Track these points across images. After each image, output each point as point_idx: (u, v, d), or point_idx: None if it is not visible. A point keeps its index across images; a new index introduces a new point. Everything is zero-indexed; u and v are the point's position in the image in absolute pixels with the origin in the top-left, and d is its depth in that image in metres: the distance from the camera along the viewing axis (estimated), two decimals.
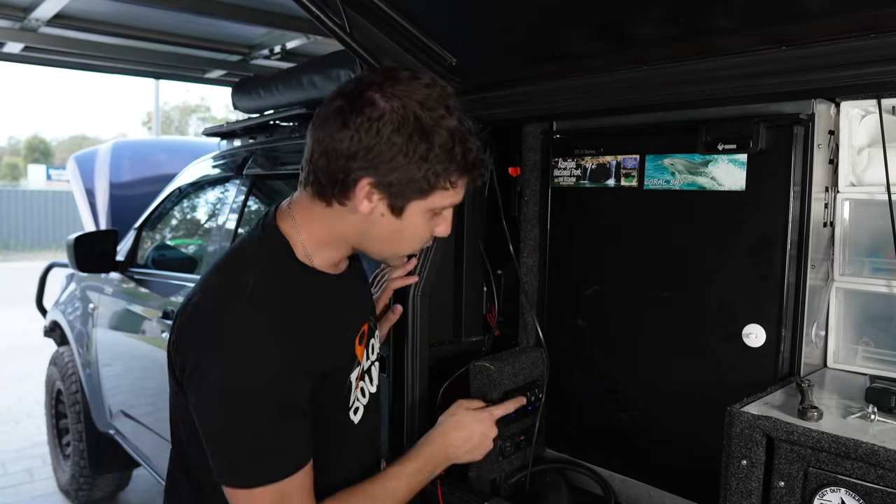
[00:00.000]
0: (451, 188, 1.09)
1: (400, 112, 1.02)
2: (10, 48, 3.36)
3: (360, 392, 1.26)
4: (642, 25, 1.31)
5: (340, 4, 1.41)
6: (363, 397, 1.27)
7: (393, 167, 1.03)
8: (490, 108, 1.65)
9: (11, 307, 9.72)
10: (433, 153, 1.04)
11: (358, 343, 1.23)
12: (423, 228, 1.13)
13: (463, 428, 1.33)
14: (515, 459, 1.56)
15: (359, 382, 1.25)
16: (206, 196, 3.30)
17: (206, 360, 1.03)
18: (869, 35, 1.07)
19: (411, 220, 1.10)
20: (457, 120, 1.06)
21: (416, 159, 1.03)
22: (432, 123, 1.03)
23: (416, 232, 1.13)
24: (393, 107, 1.02)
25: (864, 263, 1.36)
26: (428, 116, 1.03)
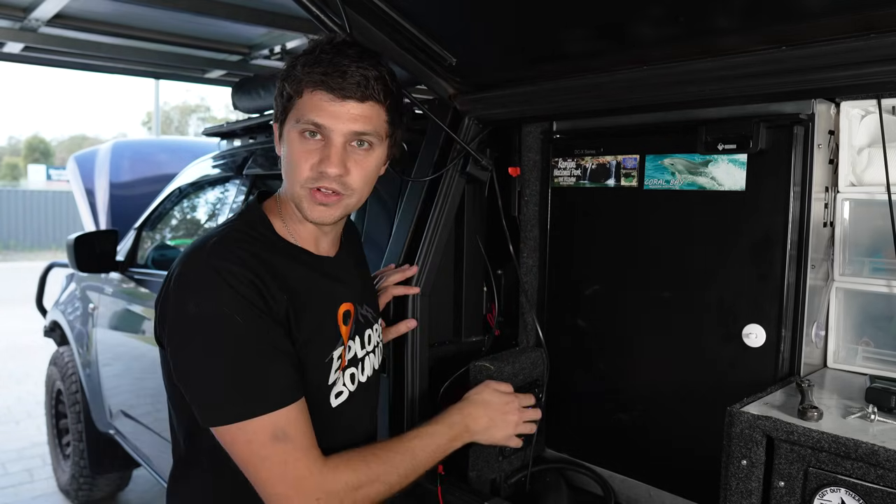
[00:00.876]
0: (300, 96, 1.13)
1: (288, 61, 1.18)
2: (10, 48, 3.36)
3: (349, 378, 1.26)
4: (642, 25, 1.31)
5: (340, 4, 1.41)
6: (351, 384, 1.27)
7: (276, 93, 1.19)
8: (490, 108, 1.65)
9: (11, 307, 9.72)
10: (289, 65, 1.16)
11: (342, 322, 1.24)
12: (300, 152, 1.14)
13: (486, 405, 1.35)
14: (515, 459, 1.56)
15: (345, 365, 1.25)
16: (206, 196, 3.30)
17: (176, 303, 1.09)
18: (869, 35, 1.07)
19: (288, 142, 1.16)
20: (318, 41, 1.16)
21: (282, 75, 1.17)
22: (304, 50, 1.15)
23: (294, 155, 1.15)
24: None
25: (864, 263, 1.36)
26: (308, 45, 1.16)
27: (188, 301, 1.07)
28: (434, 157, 1.69)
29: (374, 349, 1.37)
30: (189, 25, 3.18)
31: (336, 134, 1.13)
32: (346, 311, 1.27)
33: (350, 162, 1.15)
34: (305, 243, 1.24)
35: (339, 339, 1.24)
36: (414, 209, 1.67)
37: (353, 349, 1.28)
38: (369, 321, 1.35)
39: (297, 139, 1.14)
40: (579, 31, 1.41)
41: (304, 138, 1.14)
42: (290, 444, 1.06)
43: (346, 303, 1.27)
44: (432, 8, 1.51)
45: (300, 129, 1.13)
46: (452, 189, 1.67)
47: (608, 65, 1.42)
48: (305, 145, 1.14)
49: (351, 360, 1.28)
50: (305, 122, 1.12)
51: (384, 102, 1.16)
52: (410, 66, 1.61)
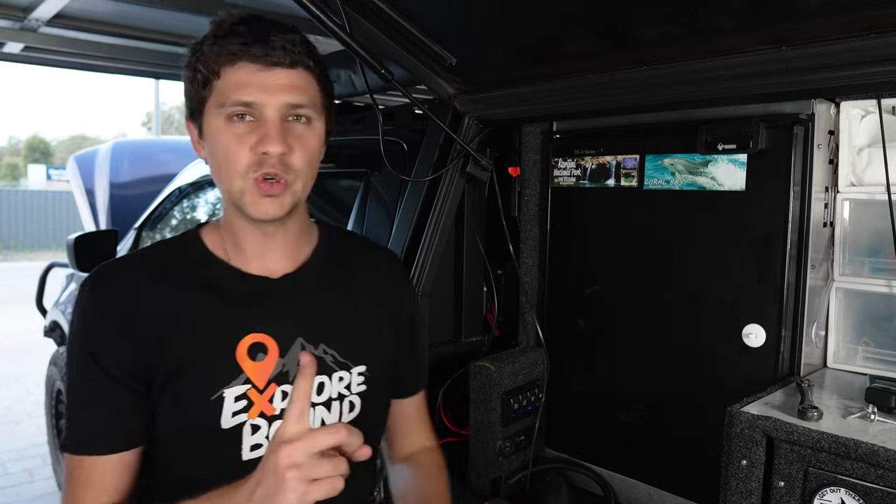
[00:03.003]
0: (217, 76, 0.99)
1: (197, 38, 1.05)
2: (10, 48, 3.35)
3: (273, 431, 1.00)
4: (642, 26, 1.31)
5: (340, 4, 1.41)
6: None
7: (185, 86, 1.04)
8: (490, 108, 1.65)
9: (11, 307, 9.71)
10: (196, 49, 1.02)
11: (247, 356, 1.03)
12: (230, 138, 0.99)
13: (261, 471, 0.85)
14: (515, 459, 1.56)
15: (271, 414, 1.03)
16: (206, 196, 3.30)
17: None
18: (869, 35, 1.07)
19: (213, 133, 1.00)
20: (223, 19, 1.03)
21: (188, 62, 1.02)
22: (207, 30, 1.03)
23: (224, 144, 0.99)
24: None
25: (864, 263, 1.36)
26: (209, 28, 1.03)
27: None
28: (434, 157, 1.69)
29: (328, 401, 1.08)
30: (189, 25, 3.17)
31: (269, 108, 0.98)
32: (253, 344, 1.03)
33: (291, 139, 0.99)
34: (248, 259, 1.07)
35: (240, 376, 1.02)
36: (414, 209, 1.67)
37: (272, 397, 1.04)
38: (327, 366, 1.08)
39: (223, 127, 0.98)
40: (579, 32, 1.41)
41: (231, 122, 0.98)
42: (70, 486, 1.03)
43: (255, 335, 1.03)
44: (432, 8, 1.51)
45: (226, 113, 0.98)
46: (452, 189, 1.67)
47: (608, 65, 1.42)
48: (235, 129, 0.98)
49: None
50: (232, 103, 0.97)
51: (314, 69, 1.03)
52: (410, 66, 1.61)
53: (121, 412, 1.01)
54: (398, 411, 1.27)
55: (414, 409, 1.29)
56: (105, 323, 1.01)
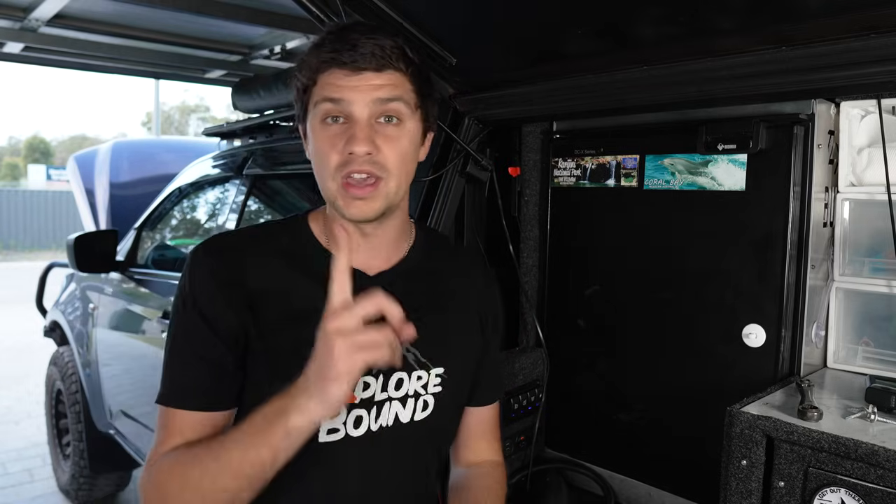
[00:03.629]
0: (317, 79, 1.04)
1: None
2: (10, 48, 3.36)
3: (354, 420, 1.07)
4: (642, 25, 1.31)
5: (340, 4, 1.41)
6: (354, 428, 1.07)
7: (294, 94, 1.11)
8: (490, 108, 1.65)
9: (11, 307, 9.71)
10: (300, 60, 1.08)
11: None
12: (324, 139, 1.04)
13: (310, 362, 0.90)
14: (515, 459, 1.56)
15: (352, 402, 1.06)
16: (206, 196, 3.30)
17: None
18: (869, 35, 1.07)
19: (311, 135, 1.07)
20: (325, 30, 1.08)
21: (294, 72, 1.09)
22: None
23: (319, 145, 1.05)
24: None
25: (864, 263, 1.36)
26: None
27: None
28: (434, 157, 1.69)
29: (404, 397, 1.11)
30: (189, 25, 3.18)
31: (357, 107, 1.01)
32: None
33: (379, 139, 1.02)
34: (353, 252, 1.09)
35: None
36: (414, 209, 1.67)
37: (371, 388, 1.08)
38: (408, 364, 1.11)
39: (318, 128, 1.04)
40: (579, 31, 1.41)
41: (325, 125, 1.03)
42: (159, 435, 1.05)
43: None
44: (432, 8, 1.51)
45: (320, 114, 1.03)
46: (452, 189, 1.67)
47: (608, 65, 1.42)
48: (328, 131, 1.03)
49: (366, 400, 1.07)
50: (321, 101, 1.02)
51: (406, 70, 1.04)
52: None
53: (221, 372, 1.05)
54: (470, 418, 1.27)
55: (486, 420, 1.29)
56: (215, 285, 1.05)
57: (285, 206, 2.68)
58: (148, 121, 33.81)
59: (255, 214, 2.63)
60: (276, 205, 2.68)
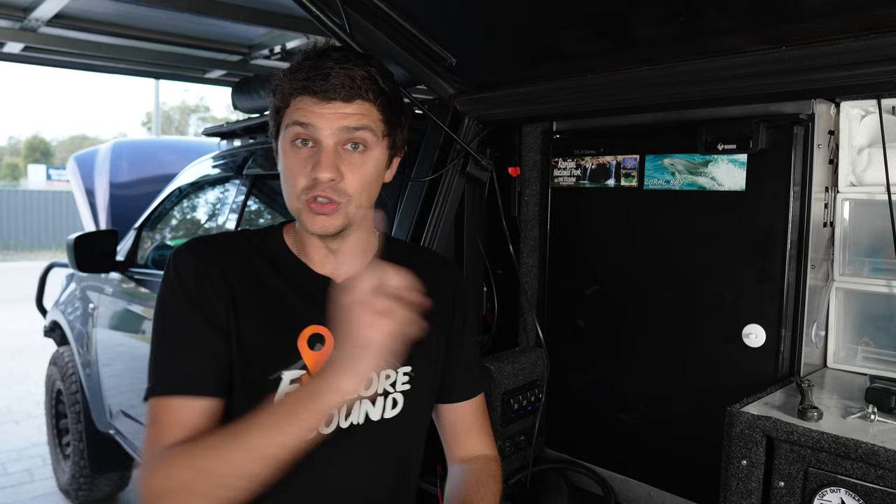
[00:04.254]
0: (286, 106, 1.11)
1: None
2: (10, 48, 3.36)
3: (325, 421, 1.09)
4: (642, 25, 1.31)
5: (340, 4, 1.41)
6: (325, 426, 1.10)
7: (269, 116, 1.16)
8: (490, 108, 1.65)
9: (11, 307, 9.71)
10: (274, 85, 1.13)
11: (306, 346, 1.11)
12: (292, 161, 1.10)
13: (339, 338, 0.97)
14: (515, 459, 1.56)
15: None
16: (206, 196, 3.30)
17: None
18: (869, 35, 1.07)
19: (281, 154, 1.13)
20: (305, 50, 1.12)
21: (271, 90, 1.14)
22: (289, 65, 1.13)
23: (286, 165, 1.12)
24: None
25: (864, 263, 1.36)
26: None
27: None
28: (434, 157, 1.69)
29: (374, 396, 1.16)
30: (189, 25, 3.18)
31: (324, 134, 1.06)
32: (313, 334, 1.13)
33: (344, 166, 1.08)
34: (311, 262, 1.18)
35: (298, 362, 1.10)
36: (414, 209, 1.67)
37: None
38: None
39: (289, 149, 1.10)
40: (579, 32, 1.41)
41: (295, 147, 1.09)
42: (155, 429, 1.04)
43: (316, 326, 1.12)
44: (432, 8, 1.51)
45: (290, 136, 1.09)
46: (452, 189, 1.67)
47: (608, 65, 1.42)
48: (298, 154, 1.09)
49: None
50: (292, 124, 1.08)
51: (374, 101, 1.09)
52: (410, 66, 1.61)
53: (214, 357, 1.09)
54: (453, 415, 1.31)
55: (470, 415, 1.32)
56: (201, 276, 1.10)
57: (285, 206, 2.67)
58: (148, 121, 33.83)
59: (255, 214, 2.63)
60: (276, 205, 2.68)
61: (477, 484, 1.23)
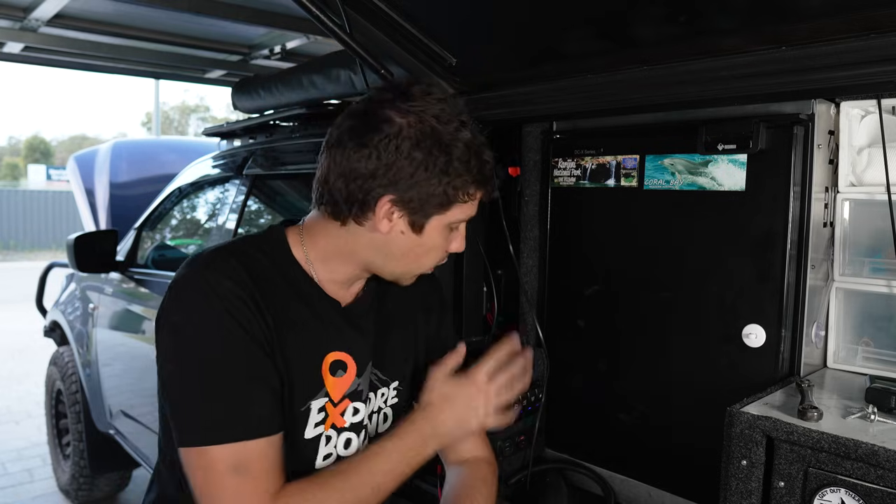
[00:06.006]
0: (468, 201, 1.08)
1: (417, 127, 1.01)
2: (10, 48, 3.36)
3: (345, 443, 1.15)
4: (642, 25, 1.31)
5: (340, 4, 1.41)
6: (344, 449, 1.15)
7: (413, 183, 1.03)
8: (490, 108, 1.65)
9: (11, 307, 9.71)
10: (452, 166, 1.03)
11: (328, 372, 1.12)
12: (441, 245, 1.11)
13: (445, 402, 1.14)
14: (515, 459, 1.56)
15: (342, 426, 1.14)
16: (206, 196, 3.30)
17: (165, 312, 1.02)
18: (869, 35, 1.07)
19: (430, 235, 1.09)
20: (471, 133, 1.06)
21: (437, 173, 1.03)
22: (450, 137, 1.03)
23: (433, 248, 1.11)
24: (410, 122, 1.01)
25: (864, 263, 1.36)
26: (445, 130, 1.03)
27: (175, 311, 1.01)
28: None
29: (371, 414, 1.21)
30: (189, 25, 3.18)
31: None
32: (335, 360, 1.13)
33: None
34: (328, 283, 1.14)
35: (321, 389, 1.11)
36: None
37: (360, 413, 1.17)
38: (374, 385, 1.21)
39: (445, 231, 1.11)
40: (579, 32, 1.41)
41: (446, 230, 1.11)
42: (248, 478, 0.96)
43: (338, 353, 1.13)
44: (432, 8, 1.51)
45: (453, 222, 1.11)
46: None
47: (608, 65, 1.42)
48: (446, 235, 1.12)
49: (354, 424, 1.16)
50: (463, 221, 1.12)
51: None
52: (410, 66, 1.61)
53: (277, 390, 1.03)
54: None
55: None
56: (249, 298, 1.01)
57: (285, 206, 2.67)
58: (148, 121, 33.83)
59: (255, 214, 2.64)
60: (276, 205, 2.68)
61: (467, 489, 1.24)
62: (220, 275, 1.01)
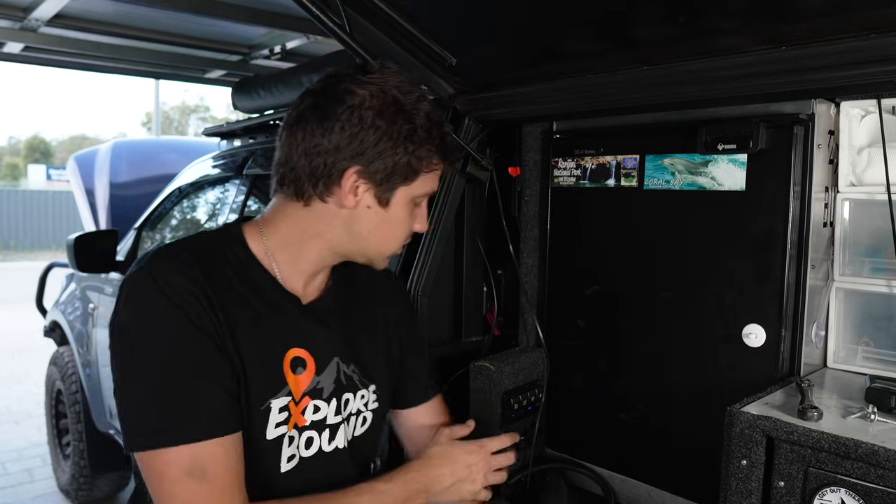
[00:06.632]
0: (432, 171, 1.08)
1: (379, 97, 1.01)
2: (10, 48, 3.36)
3: (305, 442, 1.10)
4: (642, 25, 1.31)
5: (340, 4, 1.41)
6: (305, 449, 1.10)
7: (378, 152, 1.02)
8: (490, 108, 1.65)
9: (11, 307, 9.71)
10: (416, 135, 1.03)
11: (289, 369, 1.07)
12: (406, 220, 1.10)
13: (451, 461, 1.18)
14: (515, 459, 1.56)
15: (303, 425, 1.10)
16: (206, 196, 3.30)
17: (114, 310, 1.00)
18: (869, 35, 1.07)
19: (396, 209, 1.07)
20: (430, 104, 1.07)
21: (402, 141, 1.02)
22: (411, 106, 1.03)
23: (399, 223, 1.09)
24: (372, 92, 1.01)
25: (864, 263, 1.36)
26: (406, 99, 1.04)
27: (121, 309, 0.98)
28: None
29: (350, 416, 1.18)
30: (189, 25, 3.18)
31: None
32: (294, 357, 1.08)
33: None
34: (289, 277, 1.10)
35: (283, 388, 1.06)
36: None
37: (322, 411, 1.12)
38: (353, 384, 1.18)
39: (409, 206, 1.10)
40: (579, 32, 1.41)
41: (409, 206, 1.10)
42: (205, 483, 0.92)
43: (298, 349, 1.09)
44: (432, 8, 1.51)
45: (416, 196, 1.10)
46: (452, 189, 1.67)
47: (608, 65, 1.42)
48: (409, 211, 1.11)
49: (316, 422, 1.11)
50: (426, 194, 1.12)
51: None
52: (410, 66, 1.61)
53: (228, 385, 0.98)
54: (419, 418, 1.34)
55: (434, 415, 1.35)
56: (201, 292, 0.97)
57: None
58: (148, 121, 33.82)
59: (255, 214, 2.63)
60: None
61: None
62: (169, 271, 0.97)
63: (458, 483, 1.18)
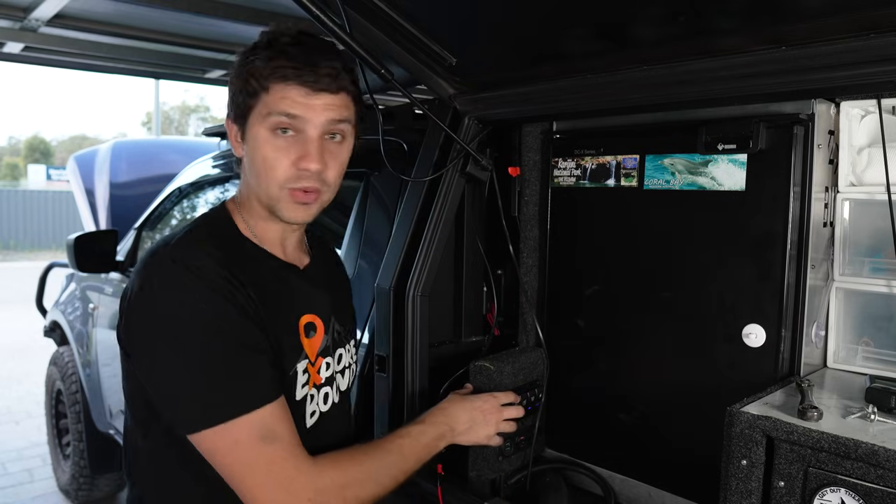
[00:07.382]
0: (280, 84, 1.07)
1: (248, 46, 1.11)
2: (10, 48, 3.36)
3: (323, 398, 1.22)
4: (642, 25, 1.31)
5: (340, 4, 1.41)
6: (324, 404, 1.22)
7: (232, 92, 1.12)
8: (490, 107, 1.65)
9: (11, 307, 9.71)
10: (249, 57, 1.10)
11: (304, 335, 1.17)
12: (273, 150, 1.08)
13: (463, 406, 1.35)
14: (515, 459, 1.56)
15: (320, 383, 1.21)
16: (206, 196, 3.30)
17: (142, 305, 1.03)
18: (869, 35, 1.07)
19: (256, 140, 1.09)
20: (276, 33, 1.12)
21: (241, 65, 1.10)
22: (258, 40, 1.12)
23: (268, 156, 1.08)
24: (246, 46, 1.11)
25: (864, 263, 1.36)
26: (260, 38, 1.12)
27: (156, 301, 1.01)
28: (434, 157, 1.69)
29: (343, 369, 1.31)
30: (189, 25, 3.17)
31: (312, 126, 1.08)
32: (307, 323, 1.18)
33: (326, 155, 1.10)
34: (271, 245, 1.18)
35: (302, 352, 1.16)
36: (414, 209, 1.67)
37: (331, 367, 1.24)
38: (342, 340, 1.30)
39: (267, 136, 1.08)
40: (579, 31, 1.41)
41: (275, 135, 1.08)
42: (278, 444, 0.99)
43: (308, 315, 1.19)
44: (432, 8, 1.51)
45: (271, 124, 1.07)
46: (452, 189, 1.67)
47: (608, 65, 1.42)
48: (277, 142, 1.08)
49: (328, 378, 1.24)
50: (278, 113, 1.06)
51: (353, 92, 1.14)
52: (410, 66, 1.61)
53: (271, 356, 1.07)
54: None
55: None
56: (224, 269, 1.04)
57: None
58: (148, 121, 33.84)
59: None
60: None
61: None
62: (194, 258, 1.04)
63: (475, 426, 1.33)
